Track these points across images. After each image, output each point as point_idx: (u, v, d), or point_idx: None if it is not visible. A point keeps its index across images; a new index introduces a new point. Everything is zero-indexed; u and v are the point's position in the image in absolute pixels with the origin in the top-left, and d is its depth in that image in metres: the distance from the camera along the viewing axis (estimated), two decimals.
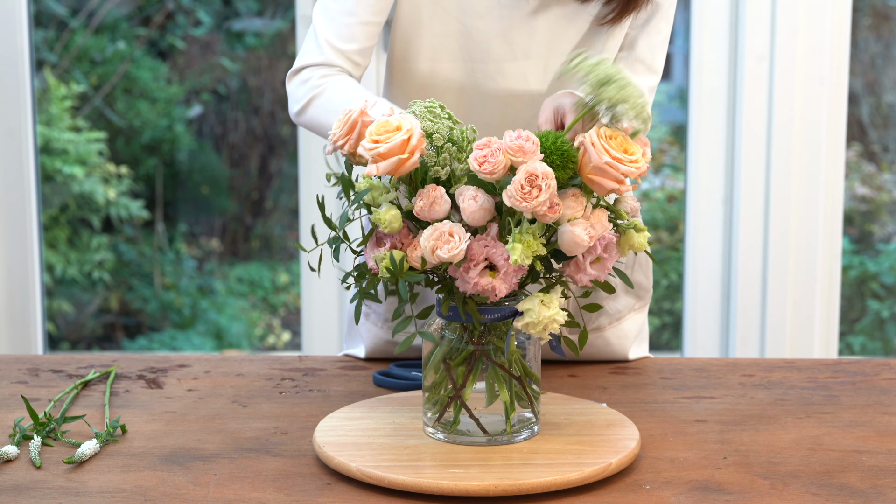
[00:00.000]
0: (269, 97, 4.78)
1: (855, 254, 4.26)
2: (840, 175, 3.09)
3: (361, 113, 1.43)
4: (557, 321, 1.37)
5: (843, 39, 3.04)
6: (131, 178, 4.61)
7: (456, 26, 1.69)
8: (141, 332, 4.64)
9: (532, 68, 1.71)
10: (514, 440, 1.45)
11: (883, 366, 1.82)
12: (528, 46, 1.70)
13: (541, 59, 1.70)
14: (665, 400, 1.67)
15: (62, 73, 4.56)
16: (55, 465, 1.43)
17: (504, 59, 1.70)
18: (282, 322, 4.81)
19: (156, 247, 4.69)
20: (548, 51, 1.70)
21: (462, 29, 1.69)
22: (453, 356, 1.44)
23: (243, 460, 1.45)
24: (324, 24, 1.69)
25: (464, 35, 1.70)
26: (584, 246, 1.36)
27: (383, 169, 1.37)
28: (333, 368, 1.81)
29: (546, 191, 1.32)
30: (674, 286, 4.32)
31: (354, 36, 1.68)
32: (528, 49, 1.70)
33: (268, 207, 4.82)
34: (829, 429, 1.56)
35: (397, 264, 1.37)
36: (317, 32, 1.69)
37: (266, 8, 4.86)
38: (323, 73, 1.67)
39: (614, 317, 1.83)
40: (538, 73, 1.71)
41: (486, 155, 1.35)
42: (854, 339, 4.18)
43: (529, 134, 1.35)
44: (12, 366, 1.80)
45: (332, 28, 1.68)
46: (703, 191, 3.10)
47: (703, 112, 3.07)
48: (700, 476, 1.40)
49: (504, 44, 1.69)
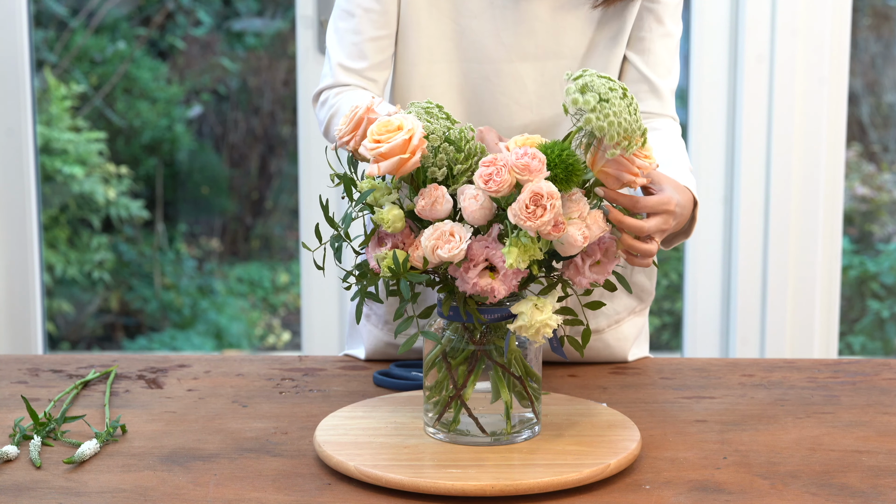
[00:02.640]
0: (269, 97, 4.78)
1: (855, 254, 4.25)
2: (840, 175, 3.09)
3: (367, 110, 1.43)
4: (550, 325, 1.37)
5: (843, 39, 3.04)
6: (131, 178, 4.61)
7: (451, 26, 1.70)
8: (141, 332, 4.64)
9: (528, 70, 1.70)
10: (515, 440, 1.45)
11: (883, 366, 1.82)
12: (523, 48, 1.70)
13: (537, 62, 1.70)
14: (665, 400, 1.67)
15: (62, 73, 4.56)
16: (55, 465, 1.43)
17: (499, 60, 1.70)
18: (282, 322, 4.81)
19: (156, 247, 4.69)
20: (544, 53, 1.70)
21: (457, 29, 1.70)
22: (454, 356, 1.44)
23: (243, 460, 1.45)
24: (335, 46, 1.72)
25: (458, 35, 1.70)
26: (578, 247, 1.36)
27: (384, 169, 1.37)
28: (333, 368, 1.81)
29: (551, 210, 1.31)
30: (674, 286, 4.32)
31: (364, 54, 1.70)
32: (523, 51, 1.70)
33: (268, 207, 4.82)
34: (829, 429, 1.56)
35: (400, 264, 1.37)
36: (329, 56, 1.73)
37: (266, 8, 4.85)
38: (337, 92, 1.71)
39: (613, 318, 1.83)
40: (534, 76, 1.71)
41: (492, 173, 1.34)
42: (854, 339, 4.18)
43: (536, 151, 1.34)
44: (12, 366, 1.80)
45: (342, 49, 1.71)
46: (703, 191, 3.10)
47: (703, 112, 3.07)
48: (700, 476, 1.40)
49: (498, 44, 1.69)
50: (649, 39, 1.73)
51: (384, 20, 1.70)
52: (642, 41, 1.73)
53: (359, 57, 1.71)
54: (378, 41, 1.71)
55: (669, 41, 1.74)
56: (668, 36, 1.74)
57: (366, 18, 1.70)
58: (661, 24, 1.73)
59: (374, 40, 1.70)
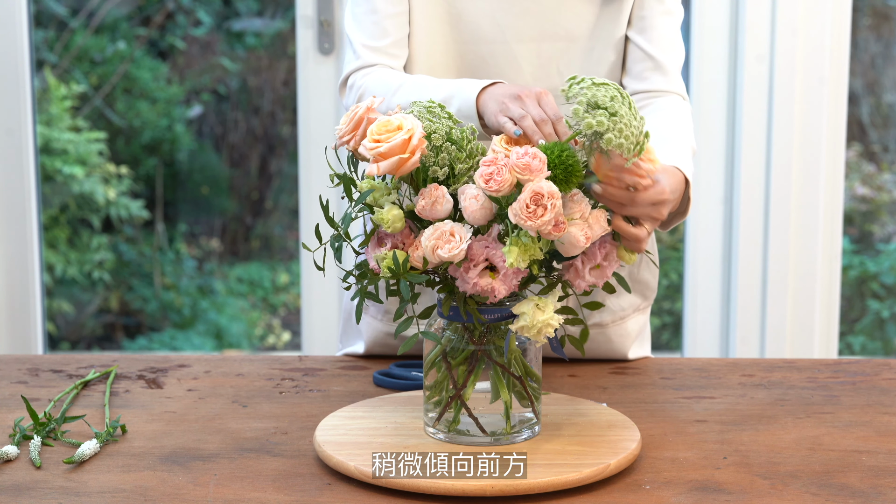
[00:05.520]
0: (269, 97, 4.78)
1: (855, 254, 4.25)
2: (840, 175, 3.09)
3: (368, 110, 1.43)
4: (552, 325, 1.37)
5: (843, 39, 3.04)
6: (131, 178, 4.61)
7: (446, 8, 1.71)
8: (141, 332, 4.64)
9: (524, 52, 1.71)
10: (515, 440, 1.45)
11: (883, 366, 1.82)
12: (518, 29, 1.70)
13: (533, 44, 1.71)
14: (665, 400, 1.67)
15: (62, 73, 4.56)
16: (55, 465, 1.43)
17: (494, 42, 1.70)
18: (282, 322, 4.80)
19: (156, 247, 4.69)
20: (540, 35, 1.70)
21: (452, 10, 1.71)
22: (454, 356, 1.44)
23: (243, 460, 1.45)
24: (354, 30, 1.74)
25: (454, 17, 1.71)
26: (580, 247, 1.36)
27: (384, 168, 1.37)
28: (333, 368, 1.81)
29: (551, 210, 1.31)
30: (674, 286, 4.31)
31: (386, 31, 1.72)
32: (518, 32, 1.70)
33: (268, 207, 4.81)
34: (829, 429, 1.56)
35: (400, 264, 1.37)
36: (351, 40, 1.74)
37: (266, 8, 4.85)
38: (364, 73, 1.71)
39: (618, 314, 1.83)
40: (530, 58, 1.71)
41: (493, 172, 1.34)
42: (854, 339, 4.18)
43: (536, 151, 1.34)
44: (12, 366, 1.80)
45: (362, 31, 1.73)
46: (703, 191, 3.10)
47: (703, 112, 3.07)
48: (700, 476, 1.40)
49: (493, 25, 1.70)
50: (650, 17, 1.73)
51: None
52: (643, 20, 1.73)
53: (381, 34, 1.72)
54: (397, 17, 1.72)
55: (671, 19, 1.74)
56: (669, 14, 1.74)
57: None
58: (662, 3, 1.73)
59: (393, 17, 1.72)
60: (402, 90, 1.63)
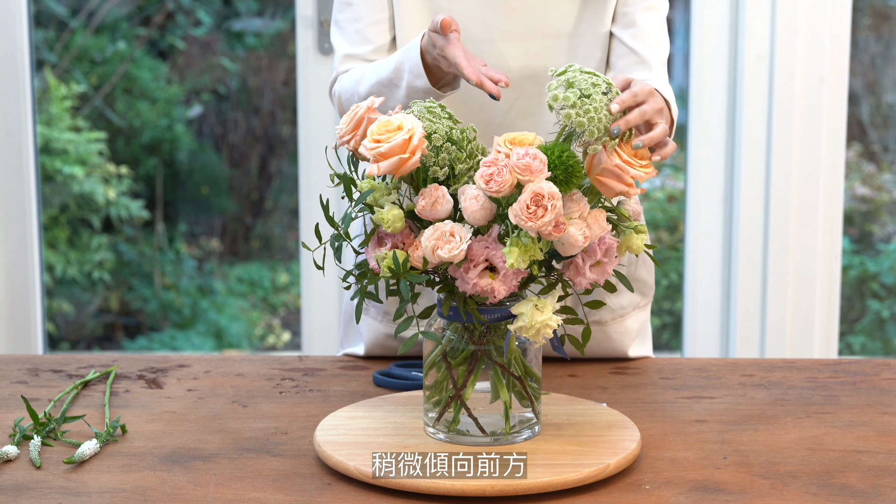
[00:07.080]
0: (269, 97, 4.78)
1: (855, 254, 4.25)
2: (840, 175, 3.09)
3: (368, 110, 1.43)
4: (550, 326, 1.37)
5: (843, 39, 3.03)
6: (131, 178, 4.61)
7: (432, 9, 1.71)
8: (141, 332, 4.64)
9: (511, 51, 1.71)
10: (515, 440, 1.45)
11: (883, 366, 1.82)
12: (505, 27, 1.70)
13: (520, 42, 1.71)
14: (665, 400, 1.67)
15: (62, 73, 4.56)
16: (55, 465, 1.43)
17: (481, 40, 1.70)
18: (282, 322, 4.80)
19: (156, 247, 4.69)
20: (527, 33, 1.70)
21: (437, 11, 1.71)
22: (454, 356, 1.44)
23: (243, 460, 1.45)
24: (338, 38, 1.76)
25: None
26: (579, 246, 1.36)
27: (384, 168, 1.37)
28: (333, 368, 1.81)
29: (552, 211, 1.31)
30: (674, 286, 4.31)
31: (367, 37, 1.73)
32: (505, 30, 1.70)
33: (268, 207, 4.82)
34: (829, 429, 1.56)
35: (400, 264, 1.37)
36: (335, 49, 1.77)
37: (266, 8, 4.85)
38: (340, 80, 1.74)
39: (618, 313, 1.84)
40: (517, 56, 1.71)
41: (493, 173, 1.34)
42: (854, 339, 4.18)
43: (537, 152, 1.34)
44: (12, 366, 1.80)
45: (345, 39, 1.75)
46: (703, 191, 3.10)
47: (703, 112, 3.07)
48: (700, 476, 1.40)
49: (480, 25, 1.70)
50: (633, 13, 1.73)
51: (381, 3, 1.73)
52: (626, 16, 1.73)
53: (362, 41, 1.73)
54: (379, 24, 1.73)
55: (654, 14, 1.74)
56: (653, 9, 1.74)
57: (364, 4, 1.73)
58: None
59: (375, 24, 1.73)
60: (365, 77, 1.67)
